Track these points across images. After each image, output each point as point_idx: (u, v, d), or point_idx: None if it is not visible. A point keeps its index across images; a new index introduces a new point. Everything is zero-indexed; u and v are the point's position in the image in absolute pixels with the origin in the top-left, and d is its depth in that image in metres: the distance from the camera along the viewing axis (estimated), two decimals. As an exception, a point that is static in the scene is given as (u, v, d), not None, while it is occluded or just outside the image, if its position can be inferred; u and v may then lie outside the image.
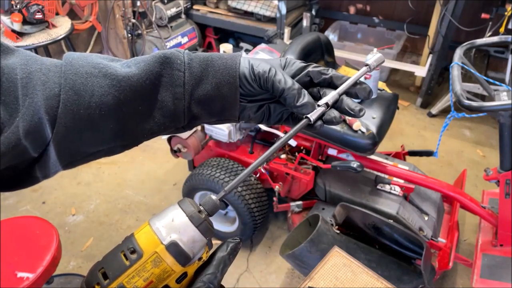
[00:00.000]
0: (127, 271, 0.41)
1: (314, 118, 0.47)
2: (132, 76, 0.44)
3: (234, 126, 1.95)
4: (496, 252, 1.63)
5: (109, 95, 0.43)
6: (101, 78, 0.43)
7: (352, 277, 1.15)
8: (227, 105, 0.49)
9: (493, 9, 2.68)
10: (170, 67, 0.47)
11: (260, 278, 2.01)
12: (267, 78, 0.47)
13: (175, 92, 0.47)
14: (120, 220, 2.33)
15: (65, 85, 0.41)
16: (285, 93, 0.47)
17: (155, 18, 3.15)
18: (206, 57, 0.49)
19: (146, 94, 0.45)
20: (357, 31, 3.69)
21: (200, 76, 0.48)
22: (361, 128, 1.68)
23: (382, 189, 1.81)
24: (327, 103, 0.48)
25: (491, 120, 3.05)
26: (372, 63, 0.52)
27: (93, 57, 0.45)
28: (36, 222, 1.44)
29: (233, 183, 0.45)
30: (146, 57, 0.47)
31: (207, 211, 0.44)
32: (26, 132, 0.40)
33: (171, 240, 0.42)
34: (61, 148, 0.42)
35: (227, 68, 0.48)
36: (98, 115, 0.42)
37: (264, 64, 0.48)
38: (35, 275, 1.27)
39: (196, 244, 0.43)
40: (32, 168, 0.43)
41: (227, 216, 2.19)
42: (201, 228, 0.43)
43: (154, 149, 2.83)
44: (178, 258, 0.42)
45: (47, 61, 0.44)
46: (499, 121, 1.47)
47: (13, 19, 2.21)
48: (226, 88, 0.48)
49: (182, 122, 0.49)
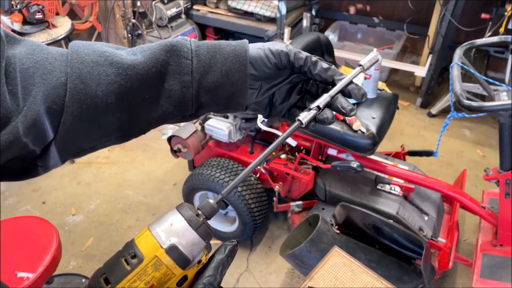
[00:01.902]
0: (129, 275, 0.42)
1: (306, 121, 0.48)
2: (138, 64, 0.44)
3: (234, 126, 1.95)
4: (496, 252, 1.63)
5: (115, 83, 0.43)
6: (107, 67, 0.43)
7: (352, 277, 1.15)
8: (236, 93, 0.49)
9: (493, 9, 2.68)
10: (177, 55, 0.46)
11: (260, 278, 2.01)
12: (288, 54, 0.48)
13: (183, 80, 0.47)
14: (120, 220, 2.33)
15: (72, 74, 0.41)
16: (307, 61, 0.48)
17: (155, 18, 3.15)
18: (214, 45, 0.49)
19: (152, 82, 0.45)
20: (357, 31, 3.69)
21: (209, 64, 0.47)
22: (361, 128, 1.68)
23: (382, 189, 1.81)
24: (318, 106, 0.49)
25: (491, 120, 3.05)
26: (366, 64, 0.53)
27: (98, 45, 0.45)
28: (36, 222, 1.44)
29: (230, 186, 0.46)
30: (152, 45, 0.47)
31: (205, 214, 0.45)
32: (26, 128, 0.39)
33: (170, 244, 0.42)
34: (68, 139, 0.43)
35: (237, 55, 0.48)
36: (105, 104, 0.43)
37: (278, 44, 0.49)
38: (35, 275, 1.27)
39: (195, 247, 0.44)
40: (36, 161, 0.44)
41: (227, 216, 2.19)
42: (199, 231, 0.44)
43: (154, 149, 2.83)
44: (178, 261, 0.42)
45: (53, 50, 0.44)
46: (499, 121, 1.47)
47: (13, 19, 2.21)
48: (236, 75, 0.48)
49: (189, 110, 0.49)
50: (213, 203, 0.46)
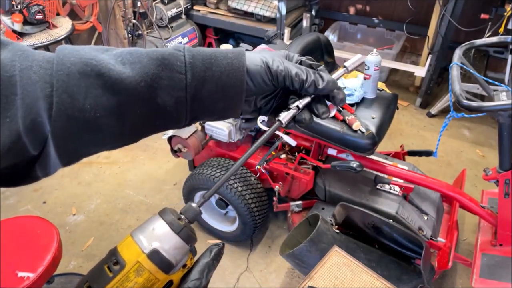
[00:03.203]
0: (111, 282, 0.42)
1: (286, 120, 0.50)
2: (126, 79, 0.42)
3: (234, 126, 1.96)
4: (496, 252, 1.63)
5: (104, 96, 0.41)
6: (94, 78, 0.40)
7: (352, 277, 1.16)
8: (231, 106, 0.48)
9: (493, 9, 2.68)
10: (170, 69, 0.44)
11: (260, 277, 2.02)
12: (285, 77, 0.48)
13: (177, 96, 0.44)
14: (121, 220, 2.33)
15: (58, 87, 0.39)
16: (303, 85, 0.48)
17: (156, 19, 3.15)
18: (210, 55, 0.46)
19: (143, 97, 0.43)
20: (357, 32, 3.69)
21: (204, 77, 0.45)
22: (360, 128, 1.68)
23: (382, 189, 1.81)
24: (298, 105, 0.50)
25: (490, 120, 3.06)
26: (350, 65, 0.55)
27: (86, 51, 0.42)
28: (36, 222, 1.44)
29: (212, 190, 0.47)
30: (142, 56, 0.44)
31: (188, 218, 0.45)
32: (25, 129, 0.39)
33: (152, 249, 0.42)
34: (60, 148, 0.41)
35: (234, 69, 0.46)
36: (94, 117, 0.40)
37: (277, 60, 0.48)
38: (36, 274, 1.27)
39: (178, 251, 0.44)
40: (32, 167, 0.43)
41: (227, 216, 2.20)
42: (181, 235, 0.44)
43: (155, 149, 2.83)
44: (161, 265, 0.42)
45: (39, 56, 0.41)
46: (498, 121, 1.48)
47: (13, 20, 2.21)
48: (232, 91, 0.47)
49: (183, 123, 0.48)
50: (196, 206, 0.46)
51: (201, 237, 2.20)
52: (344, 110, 1.77)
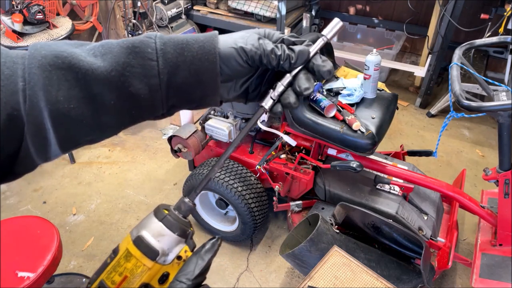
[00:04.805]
0: (107, 268, 0.46)
1: (268, 106, 0.49)
2: (97, 69, 0.42)
3: (234, 126, 1.96)
4: (496, 252, 1.64)
5: (76, 87, 0.41)
6: (66, 70, 0.41)
7: (352, 276, 1.16)
8: (208, 92, 0.47)
9: (492, 9, 2.68)
10: (141, 56, 0.43)
11: (260, 277, 2.02)
12: (261, 55, 0.46)
13: (150, 83, 0.44)
14: (121, 219, 2.34)
15: (29, 80, 0.40)
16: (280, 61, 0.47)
17: (156, 19, 3.15)
18: (182, 41, 0.45)
19: (115, 86, 0.43)
20: (357, 32, 3.70)
21: (176, 63, 0.45)
22: (360, 128, 1.68)
23: (382, 189, 1.81)
24: (277, 86, 0.49)
25: (490, 120, 3.06)
26: (328, 33, 0.51)
27: (58, 45, 0.42)
28: (37, 221, 1.45)
29: (201, 185, 0.49)
30: (112, 47, 0.44)
31: (177, 209, 0.48)
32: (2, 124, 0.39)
33: (137, 235, 0.46)
34: (36, 143, 0.42)
35: (206, 53, 0.45)
36: (67, 109, 0.41)
37: (251, 39, 0.47)
38: (36, 274, 1.27)
39: (164, 238, 0.46)
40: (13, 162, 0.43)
41: (227, 216, 2.20)
42: (165, 222, 0.46)
43: (155, 149, 2.83)
44: (145, 251, 0.45)
45: (13, 53, 0.42)
46: (498, 121, 1.48)
47: (14, 20, 2.21)
48: (206, 75, 0.46)
49: (160, 111, 0.48)
50: (188, 200, 0.48)
51: (202, 237, 2.20)
52: (344, 110, 1.77)
